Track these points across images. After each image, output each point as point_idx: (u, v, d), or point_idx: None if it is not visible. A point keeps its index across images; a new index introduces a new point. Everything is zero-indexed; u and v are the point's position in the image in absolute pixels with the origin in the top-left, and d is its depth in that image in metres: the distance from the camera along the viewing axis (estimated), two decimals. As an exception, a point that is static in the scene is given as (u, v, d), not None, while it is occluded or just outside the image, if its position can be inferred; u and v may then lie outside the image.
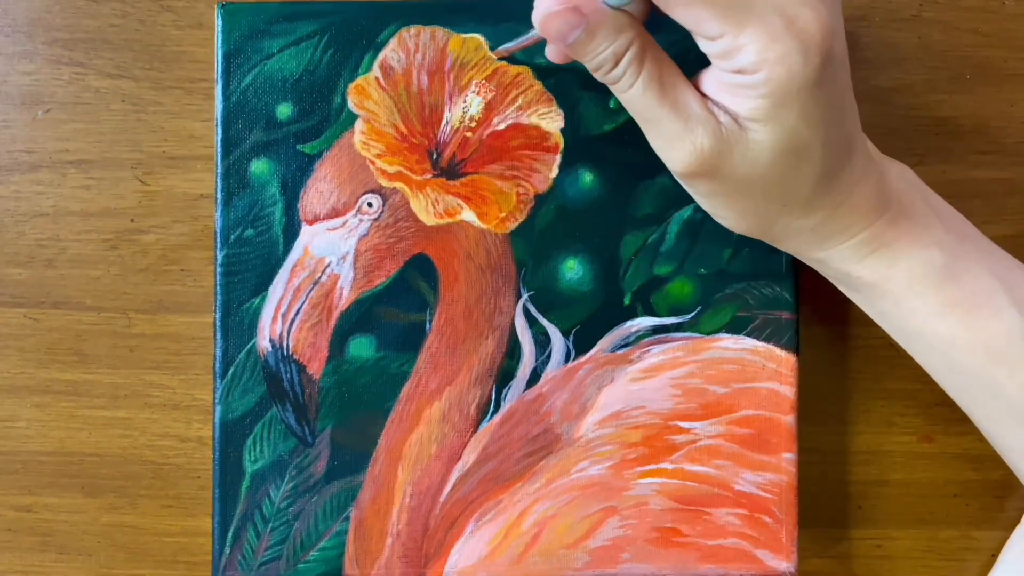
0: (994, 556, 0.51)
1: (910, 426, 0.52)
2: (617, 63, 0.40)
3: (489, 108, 0.46)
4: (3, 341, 0.52)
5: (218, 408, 0.46)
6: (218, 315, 0.46)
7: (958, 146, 0.52)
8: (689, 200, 0.44)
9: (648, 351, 0.46)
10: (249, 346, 0.46)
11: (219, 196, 0.46)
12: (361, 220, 0.46)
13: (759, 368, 0.46)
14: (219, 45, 0.46)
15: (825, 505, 0.52)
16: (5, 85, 0.52)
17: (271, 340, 0.46)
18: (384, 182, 0.46)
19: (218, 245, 0.46)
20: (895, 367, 0.52)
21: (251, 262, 0.46)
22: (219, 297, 0.46)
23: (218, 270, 0.46)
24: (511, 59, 0.46)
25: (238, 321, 0.46)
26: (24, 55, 0.52)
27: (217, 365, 0.46)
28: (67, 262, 0.52)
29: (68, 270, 0.52)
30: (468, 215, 0.46)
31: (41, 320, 0.52)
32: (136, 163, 0.52)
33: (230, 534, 0.46)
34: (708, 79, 0.41)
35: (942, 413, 0.52)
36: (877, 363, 0.52)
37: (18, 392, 0.52)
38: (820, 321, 0.52)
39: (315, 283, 0.46)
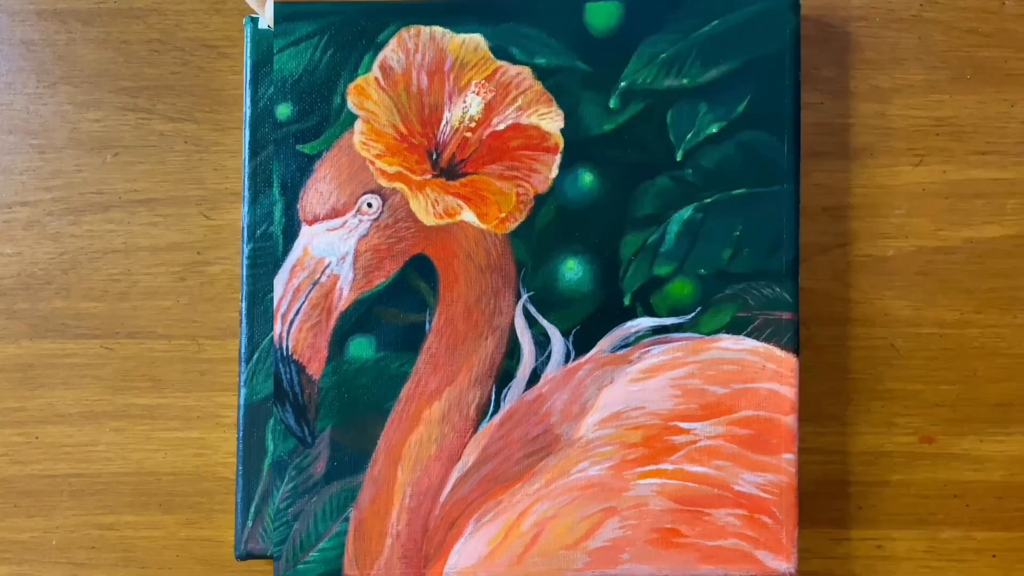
0: (995, 556, 0.54)
1: (910, 426, 0.55)
2: None
3: (489, 108, 0.49)
4: (81, 371, 0.57)
5: (243, 390, 0.50)
6: (244, 304, 0.50)
7: (959, 146, 0.55)
8: (689, 200, 0.45)
9: (648, 351, 0.49)
10: (272, 333, 0.49)
11: (246, 194, 0.50)
12: (361, 220, 0.48)
13: (759, 368, 0.49)
14: (248, 55, 0.49)
15: (825, 506, 0.55)
16: (76, 132, 0.57)
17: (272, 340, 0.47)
18: (384, 182, 0.48)
19: (245, 239, 0.50)
20: (895, 367, 0.54)
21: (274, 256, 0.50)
22: (245, 287, 0.50)
23: (245, 262, 0.50)
24: (511, 59, 0.47)
25: (263, 310, 0.50)
26: (93, 104, 0.57)
27: (243, 350, 0.50)
28: (139, 294, 0.57)
29: (140, 302, 0.57)
30: (468, 215, 0.49)
31: (116, 350, 0.57)
32: (200, 199, 0.56)
33: (252, 509, 0.49)
34: None
35: (942, 413, 0.54)
36: (877, 363, 0.54)
37: (97, 418, 0.57)
38: (820, 321, 0.54)
39: (315, 283, 0.48)
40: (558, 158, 0.49)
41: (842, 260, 0.55)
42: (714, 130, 0.48)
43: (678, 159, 0.48)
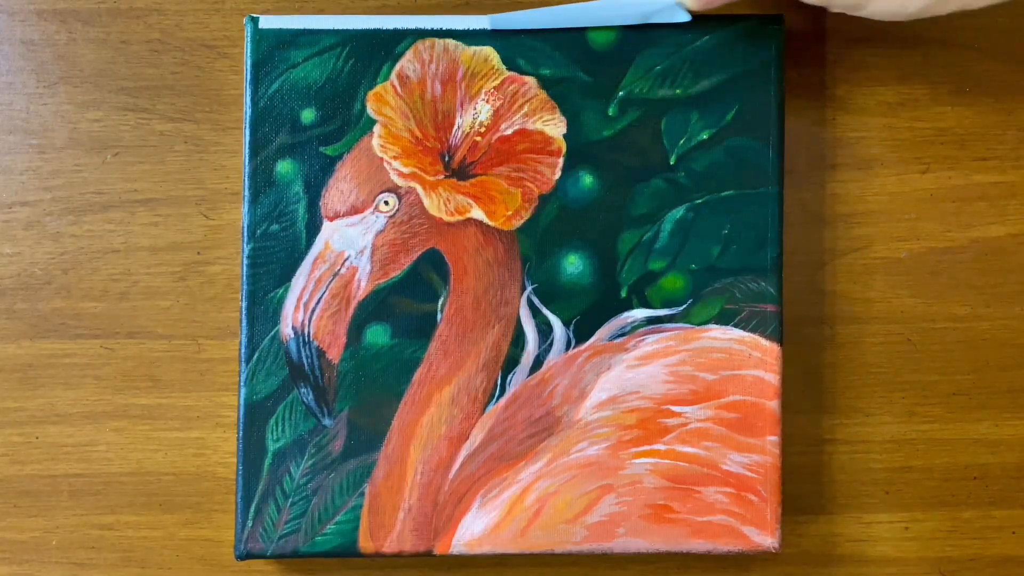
0: (1014, 533, 0.89)
1: (930, 415, 0.88)
2: None
3: (497, 115, 0.82)
4: (82, 371, 0.87)
5: (243, 390, 0.81)
6: (244, 304, 0.81)
7: (961, 153, 0.89)
8: (681, 201, 0.82)
9: (643, 340, 0.82)
10: (273, 332, 0.81)
11: (246, 194, 0.81)
12: (378, 217, 0.81)
13: (745, 357, 0.82)
14: (248, 55, 0.82)
15: (854, 491, 0.88)
16: (76, 132, 0.87)
17: (293, 327, 0.81)
18: (400, 182, 0.81)
19: (245, 239, 0.81)
20: (912, 361, 0.89)
21: (276, 255, 0.81)
22: (245, 287, 0.81)
23: (244, 262, 0.81)
24: (518, 70, 0.84)
25: (263, 310, 0.81)
26: (92, 103, 0.87)
27: (243, 350, 0.81)
28: (139, 294, 0.87)
29: (140, 302, 0.87)
30: (477, 213, 0.82)
31: (116, 350, 0.87)
32: (200, 199, 0.87)
33: (252, 509, 0.81)
34: None
35: (959, 401, 0.88)
36: (896, 357, 0.89)
37: (97, 418, 0.87)
38: (842, 321, 0.88)
39: (335, 275, 0.81)
40: (561, 161, 0.82)
41: (859, 263, 0.88)
42: (705, 136, 0.83)
43: (671, 163, 0.82)
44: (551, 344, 0.84)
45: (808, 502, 0.89)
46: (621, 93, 0.84)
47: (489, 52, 0.83)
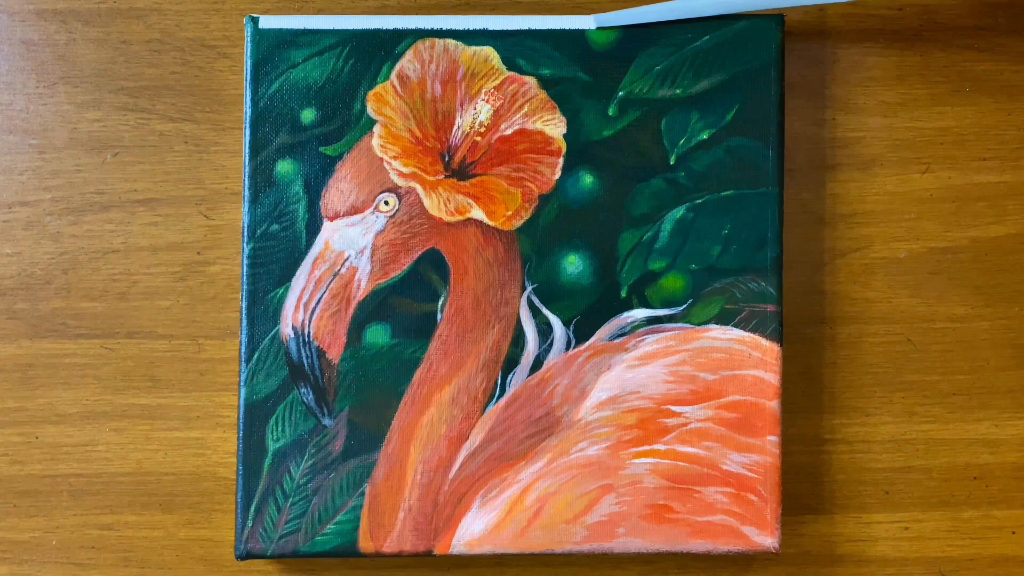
0: (1014, 533, 0.89)
1: (929, 415, 0.89)
2: None
3: (497, 115, 0.82)
4: (81, 371, 0.88)
5: (243, 390, 0.81)
6: (244, 304, 0.82)
7: (961, 153, 0.89)
8: (681, 201, 0.82)
9: (643, 340, 0.82)
10: (273, 332, 0.81)
11: (246, 194, 0.82)
12: (378, 217, 0.81)
13: (745, 357, 0.82)
14: (248, 55, 0.82)
15: (854, 491, 0.89)
16: (76, 132, 0.88)
17: (293, 327, 0.81)
18: (400, 182, 0.81)
19: (245, 239, 0.81)
20: (912, 360, 0.89)
21: (276, 255, 0.81)
22: (245, 287, 0.82)
23: (245, 262, 0.82)
24: (518, 70, 0.85)
25: (263, 309, 0.82)
26: (92, 104, 0.88)
27: (243, 350, 0.81)
28: (139, 294, 0.88)
29: (140, 302, 0.88)
30: (477, 213, 0.82)
31: (116, 350, 0.88)
32: (200, 199, 0.88)
33: (252, 508, 0.81)
34: None
35: (959, 401, 0.89)
36: (896, 357, 0.89)
37: (97, 418, 0.88)
38: (842, 321, 0.88)
39: (335, 275, 0.81)
40: (561, 161, 0.83)
41: (859, 263, 0.89)
42: (705, 136, 0.83)
43: (671, 163, 0.83)
44: (551, 344, 0.84)
45: (808, 502, 0.89)
46: (621, 93, 0.84)
47: (489, 52, 0.84)
